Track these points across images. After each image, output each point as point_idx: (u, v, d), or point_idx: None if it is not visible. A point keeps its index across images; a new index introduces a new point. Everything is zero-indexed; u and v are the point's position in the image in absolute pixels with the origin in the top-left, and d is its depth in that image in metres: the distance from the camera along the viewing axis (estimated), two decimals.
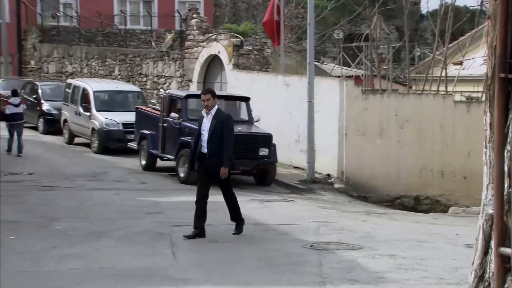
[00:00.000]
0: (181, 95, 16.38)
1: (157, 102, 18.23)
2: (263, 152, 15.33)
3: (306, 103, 16.35)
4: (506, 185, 3.76)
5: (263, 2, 34.88)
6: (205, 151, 9.67)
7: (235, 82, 19.96)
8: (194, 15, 22.32)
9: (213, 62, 21.54)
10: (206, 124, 9.69)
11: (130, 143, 17.75)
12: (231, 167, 9.81)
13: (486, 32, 4.05)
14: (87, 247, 9.02)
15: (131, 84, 23.01)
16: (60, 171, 16.13)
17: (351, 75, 24.46)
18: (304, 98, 16.54)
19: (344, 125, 16.32)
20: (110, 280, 7.62)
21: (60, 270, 7.98)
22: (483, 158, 3.92)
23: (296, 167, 17.49)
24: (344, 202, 14.82)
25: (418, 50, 29.43)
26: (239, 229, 9.94)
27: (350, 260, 8.71)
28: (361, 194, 16.24)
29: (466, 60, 19.59)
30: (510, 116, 3.84)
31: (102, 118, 19.20)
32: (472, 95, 20.00)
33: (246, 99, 16.60)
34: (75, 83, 21.25)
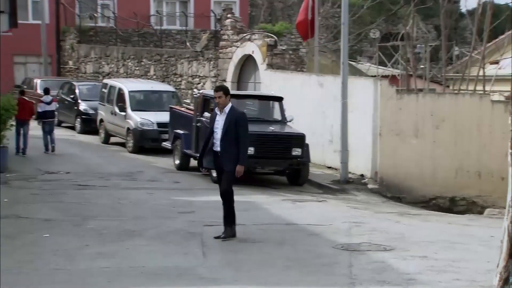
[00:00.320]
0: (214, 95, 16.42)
1: (190, 102, 18.34)
2: (296, 152, 15.30)
3: (340, 103, 16.28)
4: None
5: (299, 2, 34.78)
6: (217, 149, 9.46)
7: (269, 82, 19.97)
8: (229, 15, 22.40)
9: (247, 62, 21.58)
10: (220, 122, 9.48)
11: (164, 143, 17.89)
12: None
13: None
14: (119, 246, 9.12)
15: (166, 84, 23.18)
16: (95, 170, 16.34)
17: (387, 75, 24.28)
18: (338, 98, 16.47)
19: (378, 125, 16.21)
20: (140, 279, 7.69)
21: (91, 268, 8.09)
22: (508, 159, 3.85)
23: (330, 167, 17.42)
24: (378, 203, 14.71)
25: (456, 49, 29.05)
26: (227, 235, 9.46)
27: (381, 261, 8.65)
28: (395, 194, 16.10)
29: (503, 59, 19.27)
30: None
31: (137, 118, 19.38)
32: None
33: (280, 99, 16.59)
34: (111, 83, 21.49)
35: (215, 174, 15.19)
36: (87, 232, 9.98)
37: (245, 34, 21.52)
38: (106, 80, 23.04)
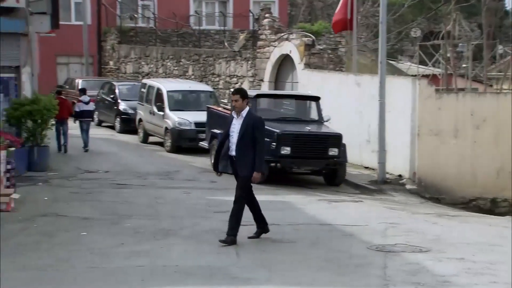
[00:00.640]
0: (251, 95, 16.37)
1: (227, 102, 18.40)
2: (333, 152, 15.23)
3: (378, 102, 16.15)
4: None
5: (339, 1, 34.60)
6: (233, 153, 9.23)
7: (306, 81, 19.92)
8: (267, 15, 22.41)
9: (284, 62, 21.56)
10: (236, 126, 9.21)
11: (201, 142, 17.99)
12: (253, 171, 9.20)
13: None
14: (154, 245, 9.19)
15: (204, 84, 23.30)
16: (133, 170, 16.51)
17: (428, 74, 23.98)
18: (375, 98, 16.35)
19: (416, 125, 16.04)
20: (173, 277, 7.75)
21: (126, 267, 8.18)
22: None
23: (367, 167, 17.30)
24: (415, 204, 14.56)
25: (500, 47, 28.52)
26: (226, 241, 9.11)
27: (416, 263, 8.56)
28: (434, 195, 15.90)
29: None
30: None
31: (175, 118, 19.52)
32: None
33: (317, 99, 16.54)
34: (149, 83, 21.70)
35: None
36: (123, 231, 10.09)
37: (282, 34, 21.50)
38: (145, 80, 23.28)
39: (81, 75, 30.83)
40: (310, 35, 21.19)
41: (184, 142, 19.30)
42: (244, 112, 9.25)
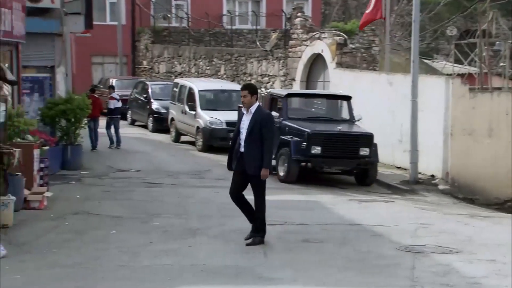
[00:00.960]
0: (281, 94, 16.46)
1: (258, 101, 18.39)
2: (364, 151, 15.14)
3: (410, 102, 16.00)
4: None
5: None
6: (242, 150, 9.06)
7: (338, 80, 19.82)
8: (299, 14, 22.36)
9: (316, 61, 21.48)
10: (245, 122, 9.05)
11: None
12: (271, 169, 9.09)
13: None
14: (182, 244, 9.23)
15: (236, 83, 23.34)
16: (165, 169, 16.62)
17: (463, 73, 23.63)
18: (408, 97, 16.19)
19: (449, 124, 15.85)
20: (199, 276, 7.77)
21: (154, 265, 8.23)
22: None
23: (399, 167, 17.15)
24: (448, 204, 14.38)
25: None
26: (254, 242, 9.04)
27: (446, 264, 8.46)
28: (467, 196, 15.68)
29: None
30: None
31: (207, 117, 19.59)
32: None
33: (348, 98, 16.46)
34: (181, 83, 21.81)
35: (282, 173, 15.39)
36: (152, 230, 10.16)
37: (314, 33, 21.43)
38: (177, 80, 23.40)
39: (115, 74, 31.15)
40: (342, 34, 21.07)
41: (215, 141, 19.36)
42: (253, 108, 9.08)
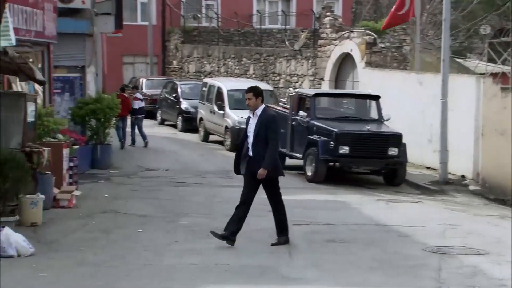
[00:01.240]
0: (309, 94, 16.42)
1: (286, 101, 18.38)
2: (393, 151, 15.02)
3: (440, 101, 15.82)
4: None
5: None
6: (250, 153, 9.05)
7: (367, 80, 19.69)
8: (328, 13, 22.27)
9: (345, 61, 21.37)
10: (252, 125, 9.05)
11: None
12: (275, 171, 9.02)
13: None
14: (207, 243, 9.23)
15: (264, 83, 23.31)
16: (193, 168, 16.68)
17: (497, 72, 23.27)
18: (438, 96, 16.03)
19: (480, 124, 15.63)
20: (222, 276, 7.78)
21: (178, 264, 8.26)
22: None
23: (428, 167, 16.98)
24: (478, 205, 14.18)
25: None
26: (280, 239, 9.10)
27: (473, 266, 8.36)
28: (498, 197, 15.42)
29: None
30: None
31: (235, 117, 19.60)
32: None
33: (377, 98, 16.34)
34: (210, 82, 21.87)
35: (309, 173, 15.35)
36: (178, 229, 10.21)
37: (343, 32, 21.32)
38: (206, 79, 23.47)
39: (145, 74, 31.37)
40: (371, 33, 20.91)
41: None
42: (258, 111, 9.06)
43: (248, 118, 9.21)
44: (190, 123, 22.93)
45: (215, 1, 33.27)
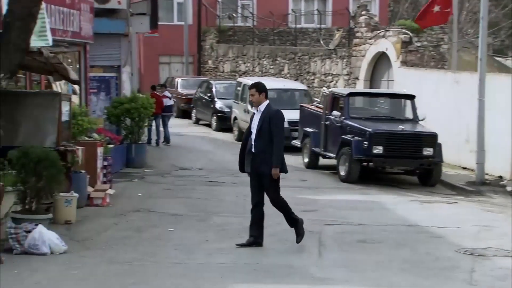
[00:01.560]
0: (343, 93, 16.32)
1: (320, 100, 18.29)
2: (427, 151, 14.84)
3: (477, 101, 15.57)
4: None
5: None
6: (253, 150, 8.87)
7: (402, 79, 19.48)
8: (363, 12, 22.09)
9: (380, 60, 21.18)
10: (255, 121, 8.88)
11: (294, 141, 17.97)
12: (282, 168, 8.86)
13: None
14: (238, 242, 9.21)
15: (298, 82, 23.25)
16: (226, 167, 16.68)
17: None
18: (474, 96, 15.76)
19: None
20: (251, 275, 7.77)
21: (208, 263, 8.28)
22: None
23: (465, 167, 16.73)
24: None
25: None
26: (299, 234, 8.95)
27: (507, 268, 8.21)
28: None
29: None
30: None
31: None
32: None
33: (411, 97, 16.16)
34: (244, 82, 21.87)
35: (342, 173, 15.27)
36: (209, 228, 10.23)
37: (379, 31, 21.13)
38: (240, 79, 23.49)
39: (181, 74, 31.55)
40: (407, 31, 20.67)
41: None
42: (262, 107, 8.91)
43: (253, 114, 9.12)
44: (225, 123, 22.97)
45: (250, 0, 33.28)
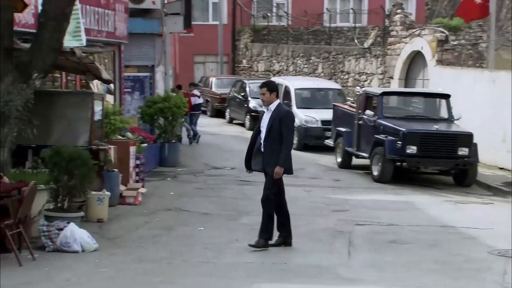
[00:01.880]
0: (376, 92, 16.16)
1: (353, 99, 18.16)
2: (463, 151, 14.61)
3: None
4: None
5: None
6: (262, 149, 8.83)
7: (438, 78, 19.22)
8: (398, 11, 21.85)
9: (415, 59, 20.93)
10: (265, 120, 8.79)
11: (327, 140, 17.88)
12: (287, 169, 8.79)
13: None
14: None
15: (332, 82, 23.11)
16: None
17: None
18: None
19: None
20: (278, 275, 7.74)
21: (236, 262, 8.27)
22: None
23: (502, 168, 16.43)
24: None
25: None
26: (259, 243, 8.74)
27: None
28: None
29: None
30: None
31: (302, 115, 19.50)
32: None
33: (447, 96, 15.93)
34: (277, 81, 21.68)
35: (375, 173, 15.13)
36: (239, 227, 10.23)
37: (414, 30, 20.88)
38: (273, 78, 23.44)
39: (216, 73, 31.65)
40: (443, 30, 20.39)
41: (310, 140, 19.24)
42: (272, 106, 8.81)
43: (263, 113, 9.03)
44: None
45: (285, 0, 33.24)
